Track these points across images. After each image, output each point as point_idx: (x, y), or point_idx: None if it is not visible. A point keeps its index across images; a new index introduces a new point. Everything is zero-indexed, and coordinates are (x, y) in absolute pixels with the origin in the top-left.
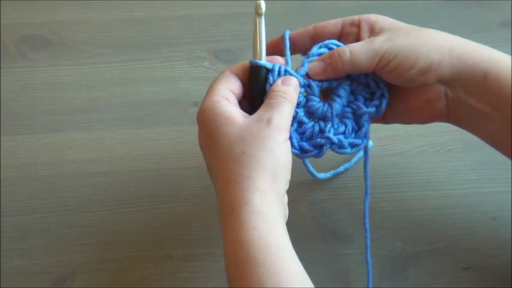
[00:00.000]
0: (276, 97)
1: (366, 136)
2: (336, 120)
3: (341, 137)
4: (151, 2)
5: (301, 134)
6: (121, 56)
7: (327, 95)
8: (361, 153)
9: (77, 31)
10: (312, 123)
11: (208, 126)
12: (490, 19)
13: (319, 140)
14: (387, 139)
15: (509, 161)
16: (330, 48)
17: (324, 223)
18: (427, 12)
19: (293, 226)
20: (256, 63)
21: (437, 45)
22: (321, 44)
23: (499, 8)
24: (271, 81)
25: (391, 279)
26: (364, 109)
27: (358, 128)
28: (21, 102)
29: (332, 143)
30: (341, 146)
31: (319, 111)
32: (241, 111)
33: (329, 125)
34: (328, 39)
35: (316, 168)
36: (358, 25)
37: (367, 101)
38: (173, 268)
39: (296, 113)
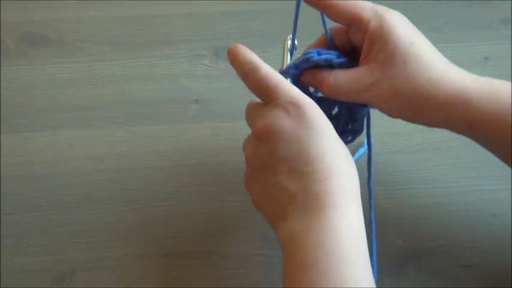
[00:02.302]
0: None
1: None
2: None
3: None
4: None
5: None
6: (121, 53)
7: None
8: (361, 150)
9: (77, 29)
10: None
11: (316, 119)
12: (491, 17)
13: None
14: (387, 136)
15: None
16: (312, 61)
17: None
18: (428, 10)
19: None
20: None
21: (419, 94)
22: (295, 62)
23: (500, 6)
24: None
25: (391, 277)
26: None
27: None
28: (21, 100)
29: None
30: None
31: None
32: None
33: None
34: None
35: None
36: (365, 30)
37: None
38: (173, 266)
39: None
